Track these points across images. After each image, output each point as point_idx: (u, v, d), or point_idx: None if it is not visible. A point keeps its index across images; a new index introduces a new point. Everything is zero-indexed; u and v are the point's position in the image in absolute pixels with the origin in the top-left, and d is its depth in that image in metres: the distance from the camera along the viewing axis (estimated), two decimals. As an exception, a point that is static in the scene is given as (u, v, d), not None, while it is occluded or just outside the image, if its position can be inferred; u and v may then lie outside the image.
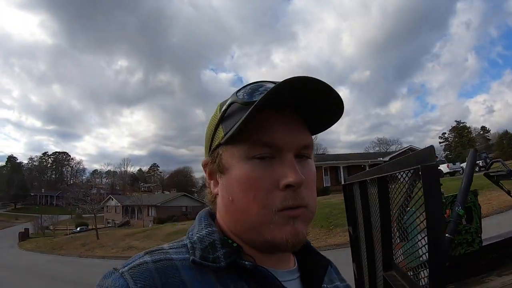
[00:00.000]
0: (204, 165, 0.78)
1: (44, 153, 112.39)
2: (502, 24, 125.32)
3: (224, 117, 0.73)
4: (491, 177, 4.52)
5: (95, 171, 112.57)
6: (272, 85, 0.69)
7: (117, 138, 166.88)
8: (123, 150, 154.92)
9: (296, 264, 0.80)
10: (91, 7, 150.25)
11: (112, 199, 65.00)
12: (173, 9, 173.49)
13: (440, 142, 74.45)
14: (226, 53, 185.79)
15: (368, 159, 40.20)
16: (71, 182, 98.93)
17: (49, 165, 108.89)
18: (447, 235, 3.92)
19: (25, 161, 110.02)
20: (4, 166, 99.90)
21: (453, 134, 73.02)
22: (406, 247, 1.69)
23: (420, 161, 1.15)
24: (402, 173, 1.42)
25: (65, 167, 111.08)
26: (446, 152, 68.93)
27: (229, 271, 0.66)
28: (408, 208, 1.52)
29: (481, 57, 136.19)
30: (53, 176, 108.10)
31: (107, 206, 65.65)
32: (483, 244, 4.33)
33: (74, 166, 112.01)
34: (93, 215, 44.95)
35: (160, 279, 0.61)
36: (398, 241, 2.56)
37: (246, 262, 0.66)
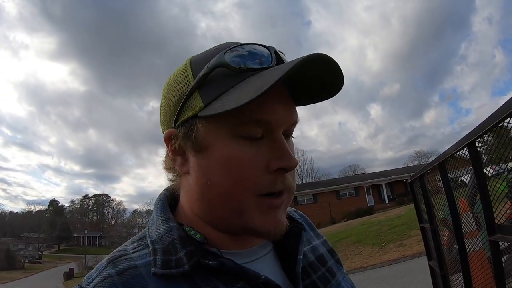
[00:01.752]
0: (168, 138, 0.66)
1: (85, 196, 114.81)
2: None
3: (203, 81, 0.61)
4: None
5: (135, 211, 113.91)
6: (262, 48, 0.64)
7: (154, 177, 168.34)
8: (162, 189, 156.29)
9: None
10: (119, 52, 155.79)
11: (153, 236, 65.61)
12: (198, 46, 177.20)
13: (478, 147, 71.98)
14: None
15: (409, 172, 39.24)
16: (113, 223, 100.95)
17: (90, 207, 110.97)
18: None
19: (67, 204, 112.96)
20: (46, 209, 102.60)
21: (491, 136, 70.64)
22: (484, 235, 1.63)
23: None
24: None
25: (106, 208, 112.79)
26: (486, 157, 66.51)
27: (196, 271, 0.60)
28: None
29: (508, 51, 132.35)
30: (95, 217, 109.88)
31: (149, 242, 66.19)
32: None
33: (114, 207, 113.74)
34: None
35: None
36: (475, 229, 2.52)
37: (210, 262, 0.59)
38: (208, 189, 0.62)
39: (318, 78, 0.63)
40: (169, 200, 0.73)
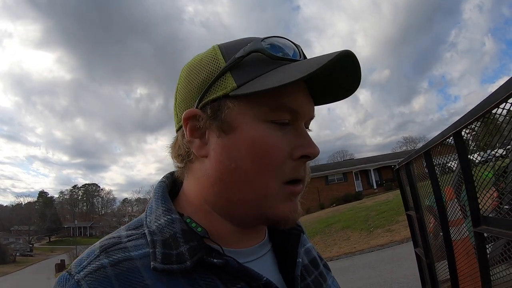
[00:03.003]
0: (188, 118, 0.63)
1: (74, 186, 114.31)
2: None
3: (237, 64, 0.61)
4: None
5: (125, 199, 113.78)
6: (291, 43, 0.65)
7: (143, 165, 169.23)
8: (151, 177, 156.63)
9: (266, 234, 0.74)
10: (105, 38, 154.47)
11: (144, 225, 65.76)
12: (185, 32, 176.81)
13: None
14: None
15: (397, 158, 39.65)
16: (103, 212, 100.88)
17: (79, 198, 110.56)
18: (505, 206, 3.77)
19: (56, 195, 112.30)
20: (36, 201, 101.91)
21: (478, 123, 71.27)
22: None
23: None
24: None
25: (95, 198, 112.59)
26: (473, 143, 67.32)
27: (197, 268, 0.58)
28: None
29: (498, 39, 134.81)
30: (85, 207, 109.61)
31: (140, 232, 66.42)
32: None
33: (104, 196, 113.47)
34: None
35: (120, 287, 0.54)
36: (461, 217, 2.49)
37: (215, 260, 0.57)
38: (231, 172, 0.60)
39: (336, 77, 0.64)
40: (169, 188, 0.71)
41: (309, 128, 0.69)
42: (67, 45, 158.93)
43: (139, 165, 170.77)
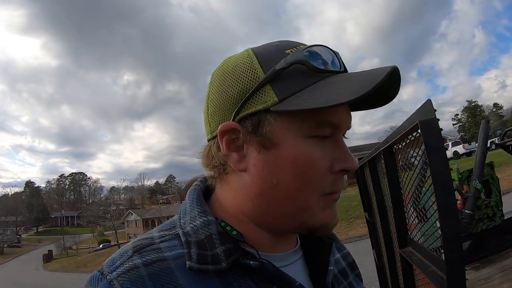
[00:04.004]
0: (225, 131, 0.60)
1: (61, 175, 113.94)
2: None
3: (278, 76, 0.57)
4: (507, 147, 4.42)
5: (112, 188, 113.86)
6: (331, 52, 0.62)
7: (131, 153, 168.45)
8: (139, 165, 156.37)
9: (298, 242, 0.73)
10: (91, 23, 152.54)
11: (132, 214, 65.36)
12: (174, 17, 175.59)
13: (453, 124, 73.48)
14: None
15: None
16: (90, 201, 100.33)
17: (66, 187, 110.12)
18: (466, 211, 3.82)
19: (43, 185, 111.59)
20: (23, 191, 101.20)
21: (466, 114, 72.01)
22: (425, 228, 1.62)
23: (418, 118, 1.08)
24: (405, 138, 1.35)
25: (82, 187, 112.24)
26: (461, 133, 68.09)
27: (231, 269, 0.57)
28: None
29: (488, 32, 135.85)
30: (72, 197, 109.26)
31: (128, 221, 66.17)
32: (505, 218, 4.24)
33: (91, 185, 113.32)
34: (114, 231, 45.45)
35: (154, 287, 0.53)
36: (416, 222, 2.48)
37: (251, 262, 0.57)
38: (273, 188, 0.59)
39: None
40: (203, 192, 0.70)
41: (345, 136, 0.66)
42: (53, 30, 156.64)
43: (127, 152, 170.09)
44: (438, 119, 0.93)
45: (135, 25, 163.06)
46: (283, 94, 0.56)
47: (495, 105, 74.17)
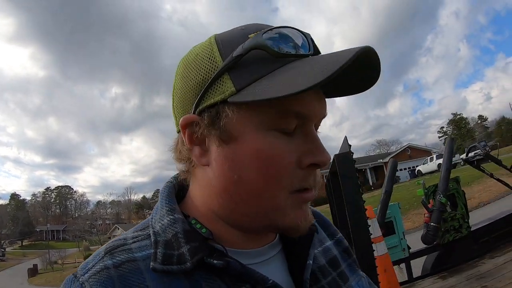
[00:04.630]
0: (185, 125, 0.58)
1: (47, 188, 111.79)
2: (490, 10, 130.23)
3: (236, 63, 0.54)
4: (471, 162, 4.65)
5: (99, 202, 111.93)
6: (299, 34, 0.57)
7: (118, 167, 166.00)
8: (126, 179, 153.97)
9: (277, 235, 0.69)
10: (80, 35, 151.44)
11: (118, 228, 64.60)
12: (163, 30, 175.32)
13: (439, 137, 74.17)
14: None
15: (369, 162, 40.46)
16: (76, 215, 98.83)
17: (52, 200, 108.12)
18: (432, 223, 4.03)
19: (28, 198, 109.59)
20: (8, 204, 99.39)
21: (451, 127, 72.87)
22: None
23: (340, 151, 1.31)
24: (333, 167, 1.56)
25: (68, 201, 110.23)
26: (446, 146, 68.69)
27: (199, 269, 0.55)
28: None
29: (473, 46, 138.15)
30: (58, 210, 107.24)
31: (114, 235, 65.20)
32: (473, 229, 4.45)
33: (77, 199, 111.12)
34: (100, 246, 44.88)
35: None
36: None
37: (215, 261, 0.54)
38: (236, 184, 0.56)
39: (356, 71, 0.55)
40: (176, 189, 0.68)
41: (319, 127, 0.62)
42: (42, 40, 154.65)
43: (114, 166, 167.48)
44: (352, 153, 1.12)
45: (124, 37, 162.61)
46: (241, 84, 0.53)
47: (480, 117, 75.30)
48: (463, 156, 4.69)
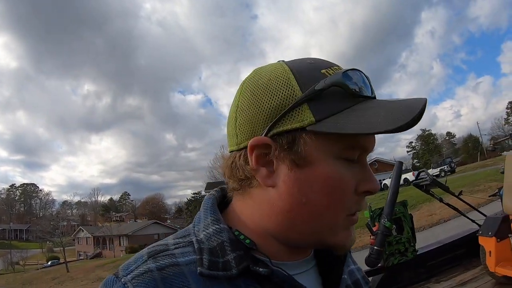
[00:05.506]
0: (255, 146, 0.60)
1: (12, 185, 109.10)
2: (464, 31, 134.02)
3: (316, 96, 0.58)
4: (420, 186, 4.70)
5: (64, 202, 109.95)
6: (365, 76, 0.63)
7: (86, 166, 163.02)
8: (93, 179, 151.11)
9: (312, 251, 0.73)
10: (57, 28, 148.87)
11: (83, 231, 63.52)
12: (141, 29, 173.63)
13: (408, 151, 75.77)
14: (194, 74, 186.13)
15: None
16: (41, 215, 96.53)
17: (17, 198, 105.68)
18: (375, 247, 4.03)
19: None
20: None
21: (419, 142, 74.49)
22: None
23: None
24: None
25: (33, 199, 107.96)
26: (414, 160, 70.31)
27: (242, 276, 0.58)
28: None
29: (446, 64, 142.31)
30: (22, 209, 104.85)
31: (78, 238, 64.20)
32: (420, 253, 4.49)
33: (43, 198, 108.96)
34: (62, 248, 43.94)
35: None
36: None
37: (261, 269, 0.57)
38: (302, 205, 0.59)
39: None
40: (218, 201, 0.71)
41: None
42: (16, 30, 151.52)
43: (82, 165, 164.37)
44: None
45: (100, 34, 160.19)
46: (320, 115, 0.57)
47: (448, 133, 77.31)
48: (413, 179, 4.73)
